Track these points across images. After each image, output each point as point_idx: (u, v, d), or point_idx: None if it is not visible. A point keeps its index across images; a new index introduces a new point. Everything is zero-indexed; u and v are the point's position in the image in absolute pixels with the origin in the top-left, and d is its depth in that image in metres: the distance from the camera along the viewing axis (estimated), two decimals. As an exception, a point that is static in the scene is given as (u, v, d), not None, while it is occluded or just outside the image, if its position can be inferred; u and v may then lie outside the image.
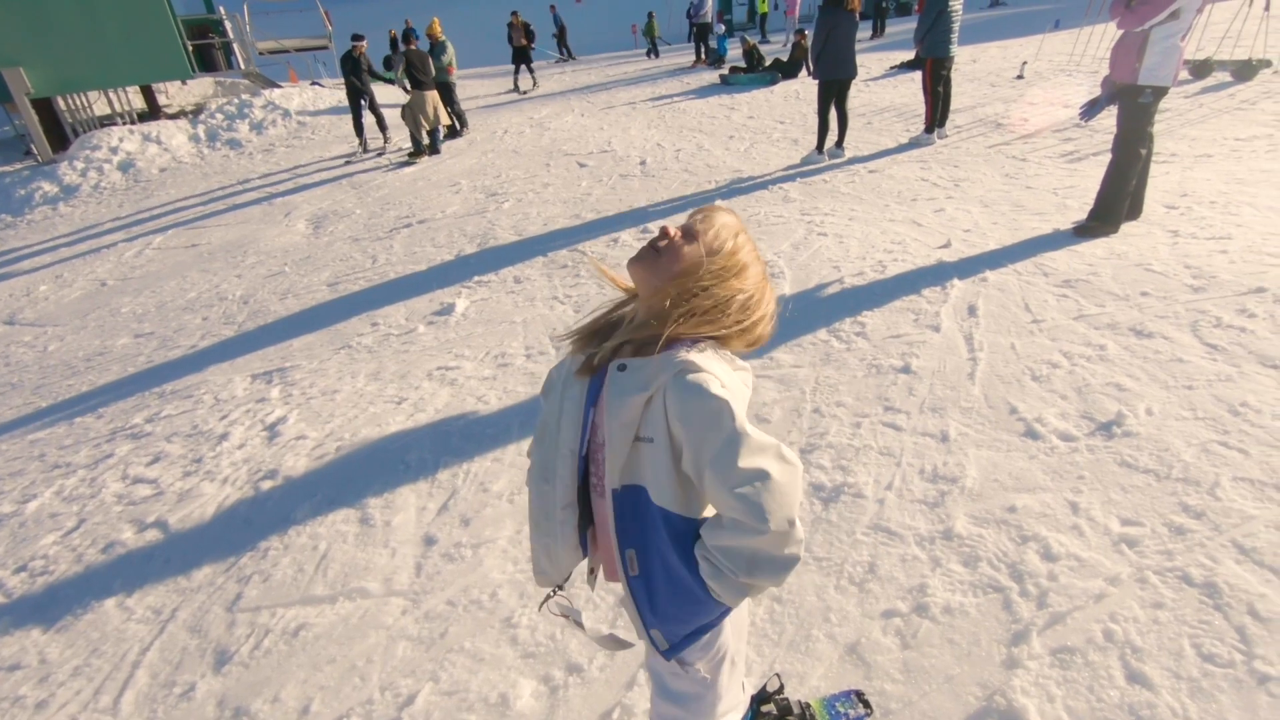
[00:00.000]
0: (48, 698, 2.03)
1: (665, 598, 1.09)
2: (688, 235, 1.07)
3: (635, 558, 1.08)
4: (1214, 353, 2.93)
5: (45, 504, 3.15)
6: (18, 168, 11.57)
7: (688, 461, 1.00)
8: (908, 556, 2.10)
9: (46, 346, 5.42)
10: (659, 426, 1.00)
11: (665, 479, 1.02)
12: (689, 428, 0.97)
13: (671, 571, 1.07)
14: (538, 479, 1.15)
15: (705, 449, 0.97)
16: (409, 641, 2.04)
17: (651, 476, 1.03)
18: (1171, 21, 3.82)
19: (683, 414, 0.97)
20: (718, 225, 1.08)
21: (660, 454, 1.01)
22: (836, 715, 1.66)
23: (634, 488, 1.05)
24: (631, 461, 1.04)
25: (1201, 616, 1.78)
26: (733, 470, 0.96)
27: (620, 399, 1.00)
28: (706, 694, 1.21)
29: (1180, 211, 4.56)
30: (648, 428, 1.01)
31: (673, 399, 0.97)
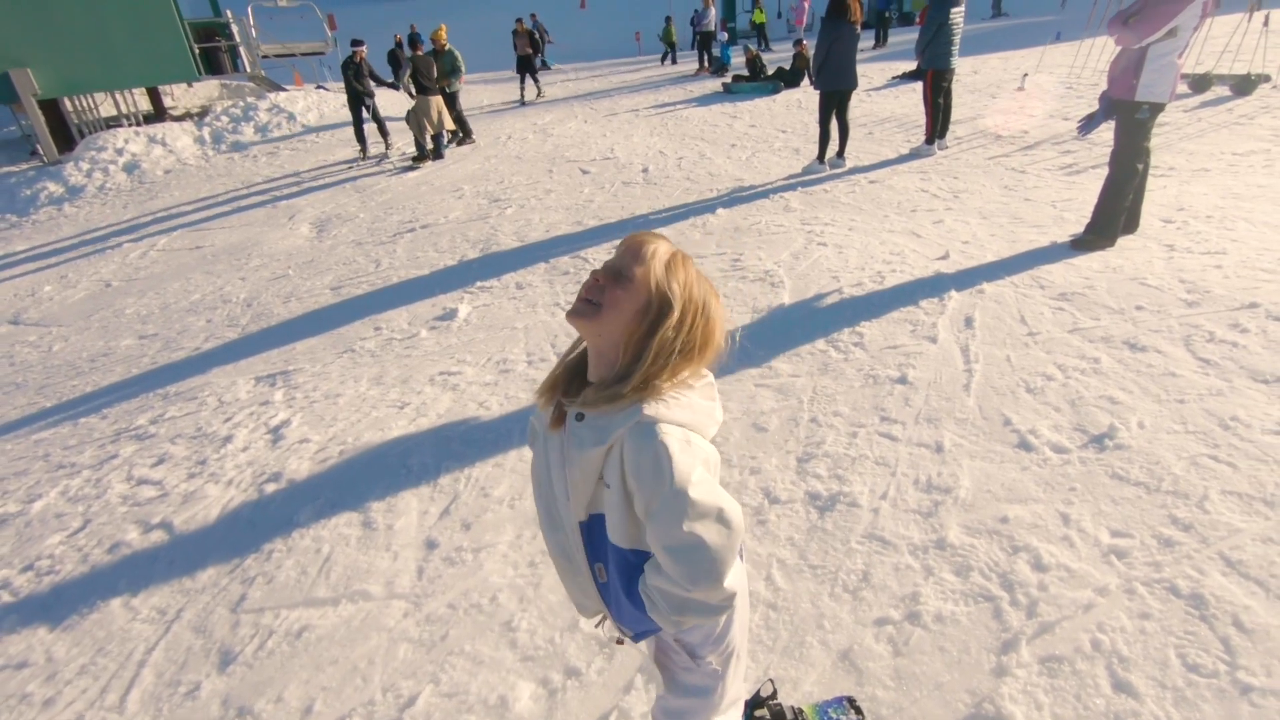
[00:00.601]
0: (55, 695, 2.06)
1: (617, 609, 1.17)
2: (618, 278, 1.01)
3: (603, 569, 1.15)
4: (1206, 367, 2.97)
5: (51, 504, 3.18)
6: (23, 168, 11.63)
7: (639, 509, 1.03)
8: (901, 565, 2.14)
9: (51, 346, 5.46)
10: (615, 474, 1.02)
11: (619, 520, 1.05)
12: (639, 481, 0.99)
13: (621, 593, 1.13)
14: (547, 528, 1.19)
15: (651, 503, 0.99)
16: (410, 644, 2.08)
17: (610, 516, 1.06)
18: (1169, 39, 3.88)
19: (635, 468, 0.99)
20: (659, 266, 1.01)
21: (615, 498, 1.04)
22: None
23: (598, 516, 1.09)
24: (595, 496, 1.08)
25: (1188, 627, 1.81)
26: (670, 531, 0.98)
27: (580, 450, 1.02)
28: (716, 687, 1.26)
29: (1176, 226, 4.61)
30: (608, 474, 1.03)
31: (629, 451, 0.99)
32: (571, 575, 1.20)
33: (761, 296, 4.30)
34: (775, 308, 4.12)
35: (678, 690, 1.28)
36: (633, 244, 1.03)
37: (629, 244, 1.04)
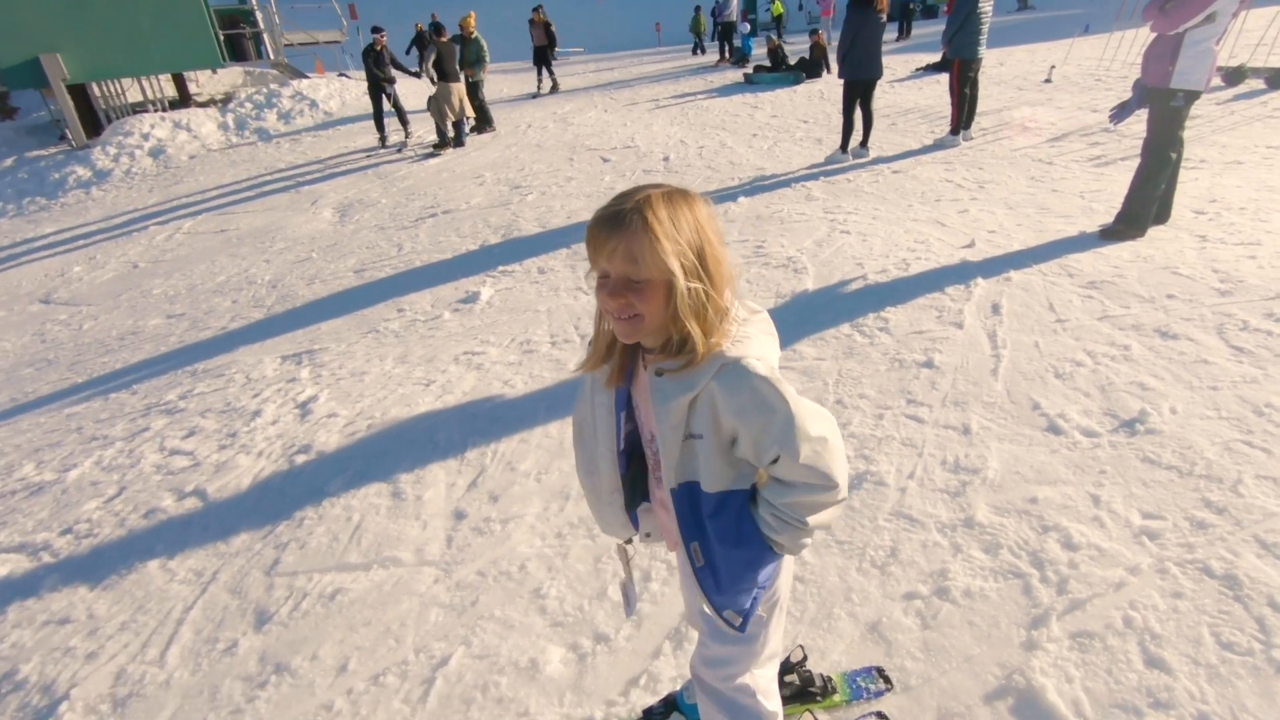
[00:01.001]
0: (97, 649, 2.12)
1: (728, 576, 1.17)
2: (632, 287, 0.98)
3: (699, 550, 1.16)
4: (1240, 355, 2.93)
5: (85, 473, 3.25)
6: (52, 151, 11.82)
7: (746, 448, 1.07)
8: (929, 542, 2.14)
9: (81, 325, 5.57)
10: (705, 422, 1.05)
11: (716, 468, 1.09)
12: (744, 418, 1.02)
13: (728, 549, 1.15)
14: (583, 473, 1.28)
15: (766, 435, 1.03)
16: (441, 608, 2.11)
17: (704, 469, 1.09)
18: (1206, 25, 3.81)
19: (737, 407, 1.02)
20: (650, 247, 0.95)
21: (708, 447, 1.07)
22: (857, 689, 1.70)
23: (689, 484, 1.12)
24: (685, 458, 1.10)
25: (1221, 607, 1.80)
26: (797, 445, 1.03)
27: (664, 404, 1.04)
28: (759, 634, 1.28)
29: (1209, 217, 4.54)
30: (696, 425, 1.06)
31: (722, 396, 1.01)
32: (599, 513, 1.29)
33: (785, 282, 4.29)
34: (799, 293, 4.12)
35: (721, 638, 1.29)
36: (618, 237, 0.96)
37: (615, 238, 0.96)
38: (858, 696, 1.69)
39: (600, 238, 0.98)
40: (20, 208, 10.33)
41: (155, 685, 1.97)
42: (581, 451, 1.26)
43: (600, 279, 1.01)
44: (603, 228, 0.98)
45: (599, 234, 0.98)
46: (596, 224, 0.99)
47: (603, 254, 0.98)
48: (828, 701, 1.67)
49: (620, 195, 1.00)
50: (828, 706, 1.67)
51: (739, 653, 1.29)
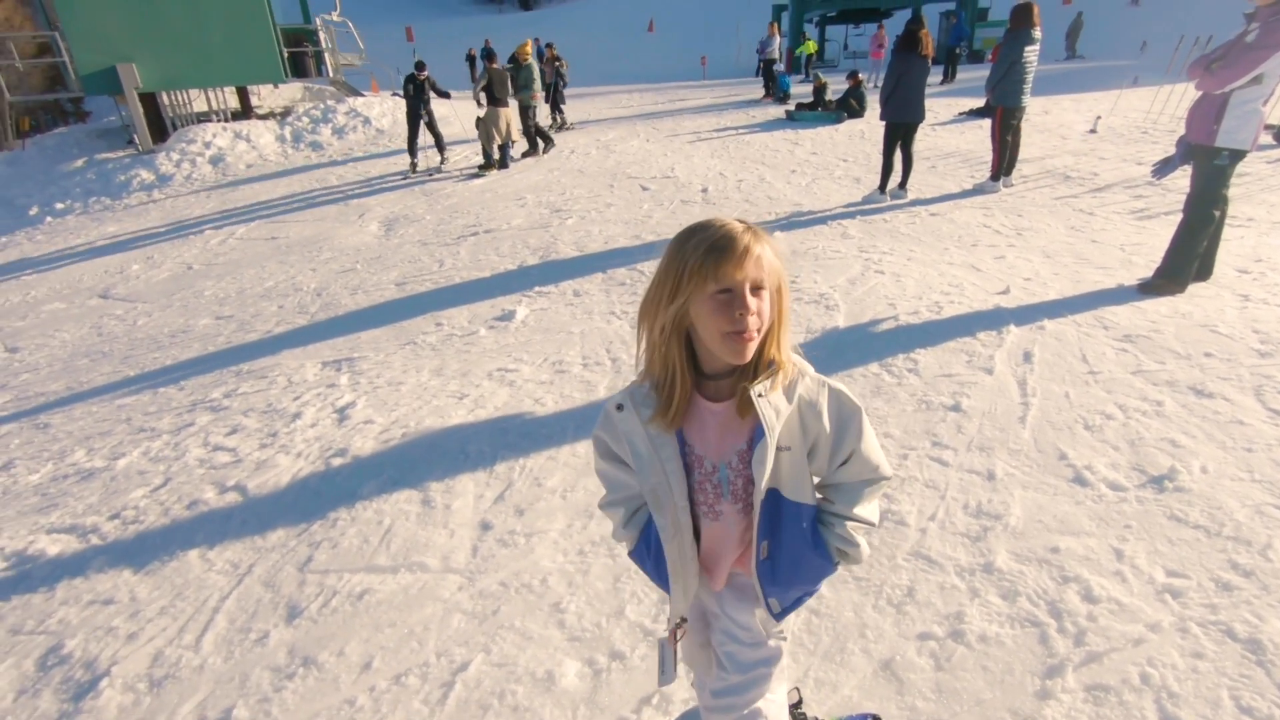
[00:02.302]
0: (137, 631, 2.22)
1: (788, 572, 1.26)
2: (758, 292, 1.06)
3: (767, 546, 1.24)
4: (1277, 418, 2.89)
5: (134, 462, 3.41)
6: (120, 155, 12.44)
7: (822, 456, 1.19)
8: (946, 585, 2.15)
9: (136, 321, 5.83)
10: (794, 436, 1.15)
11: (800, 478, 1.20)
12: (840, 429, 1.17)
13: (798, 550, 1.24)
14: (670, 537, 1.25)
15: (847, 434, 1.18)
16: (463, 615, 2.18)
17: (788, 479, 1.19)
18: (1253, 86, 3.81)
19: (837, 419, 1.17)
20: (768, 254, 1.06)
21: (798, 458, 1.17)
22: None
23: (772, 491, 1.20)
24: (773, 470, 1.17)
25: (1243, 670, 1.78)
26: (867, 443, 1.19)
27: (773, 420, 1.11)
28: (774, 663, 1.33)
29: (1253, 276, 4.48)
30: (785, 438, 1.14)
31: (812, 408, 1.15)
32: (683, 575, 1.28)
33: (816, 318, 4.33)
34: (829, 329, 4.16)
35: (740, 668, 1.32)
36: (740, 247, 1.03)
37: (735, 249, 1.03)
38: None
39: (728, 256, 1.02)
40: (86, 206, 10.87)
41: (190, 669, 2.06)
42: (663, 517, 1.22)
43: (723, 300, 1.03)
44: (726, 246, 1.02)
45: (725, 253, 1.02)
46: (717, 246, 1.02)
47: (731, 270, 1.02)
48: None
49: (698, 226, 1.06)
50: None
51: (761, 676, 1.32)
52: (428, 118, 10.41)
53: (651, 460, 1.18)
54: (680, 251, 1.06)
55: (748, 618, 1.31)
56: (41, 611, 2.37)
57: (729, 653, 1.33)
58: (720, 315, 1.03)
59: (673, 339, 1.10)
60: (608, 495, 1.33)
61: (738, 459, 1.18)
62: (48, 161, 12.53)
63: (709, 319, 1.04)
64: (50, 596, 2.45)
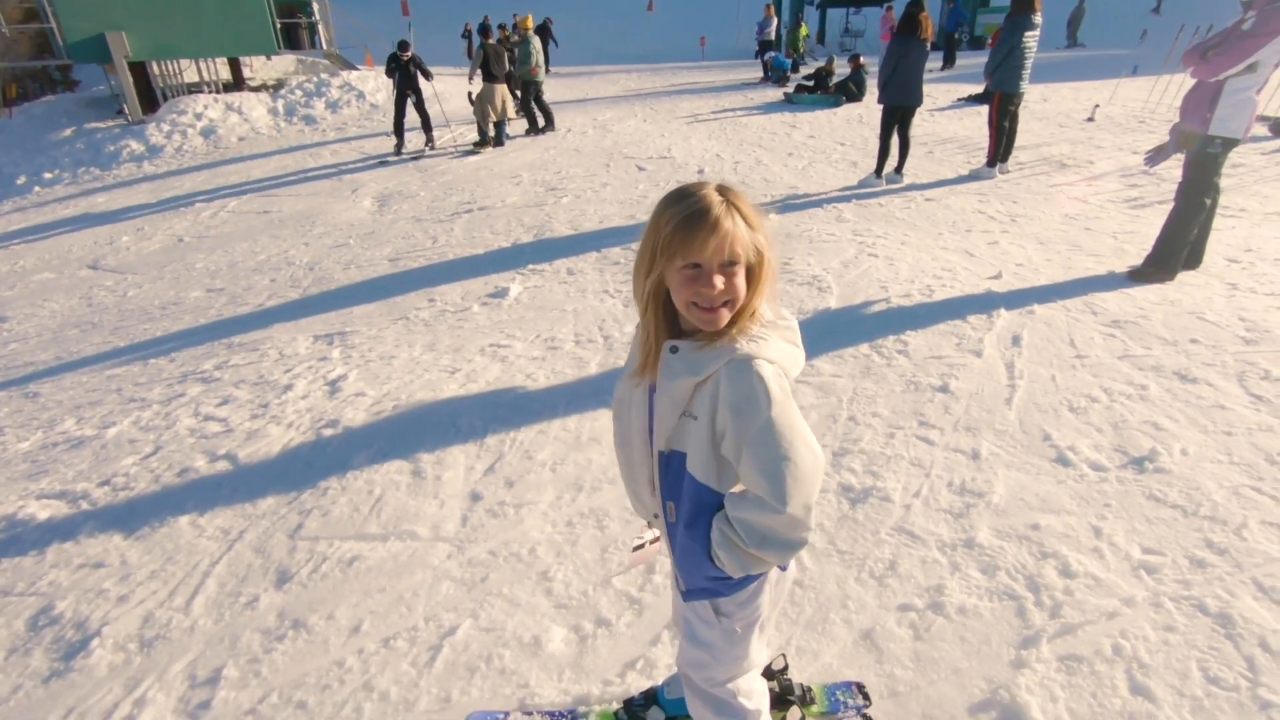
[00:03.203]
0: (128, 593, 2.24)
1: (682, 552, 1.25)
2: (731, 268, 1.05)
3: (674, 509, 1.23)
4: (1258, 403, 2.93)
5: (124, 431, 3.41)
6: (110, 125, 12.27)
7: (729, 445, 1.09)
8: (928, 559, 2.19)
9: (126, 292, 5.79)
10: (704, 407, 1.09)
11: (702, 453, 1.12)
12: (735, 412, 1.06)
13: (698, 536, 1.20)
14: (625, 471, 1.32)
15: (747, 431, 1.05)
16: (452, 582, 2.21)
17: (695, 451, 1.13)
18: (1248, 74, 3.82)
19: (732, 400, 1.06)
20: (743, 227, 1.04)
21: (702, 431, 1.10)
22: (836, 702, 1.75)
23: (677, 453, 1.17)
24: (677, 431, 1.16)
25: (1212, 644, 1.83)
26: (767, 453, 1.05)
27: (672, 380, 1.10)
28: (731, 648, 1.33)
29: (1242, 266, 4.52)
30: (695, 406, 1.11)
31: (726, 384, 1.06)
32: (631, 482, 1.32)
33: (808, 300, 4.35)
34: (821, 310, 4.18)
35: (694, 641, 1.35)
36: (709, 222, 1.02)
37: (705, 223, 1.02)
38: (835, 709, 1.73)
39: (697, 231, 1.01)
40: (75, 177, 10.74)
41: (180, 630, 2.09)
42: (622, 455, 1.31)
43: (691, 275, 1.04)
44: (697, 220, 1.01)
45: (695, 228, 1.01)
46: (689, 220, 1.02)
47: (698, 246, 1.02)
48: (806, 711, 1.72)
49: (679, 193, 1.05)
50: (783, 716, 1.71)
51: (708, 659, 1.33)
52: (415, 98, 10.18)
53: (626, 403, 1.25)
54: (657, 221, 1.07)
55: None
56: (32, 574, 2.39)
57: (687, 620, 1.36)
58: (687, 288, 1.05)
59: (650, 304, 1.12)
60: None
61: None
62: (36, 130, 12.36)
63: (678, 290, 1.06)
64: (40, 560, 2.46)
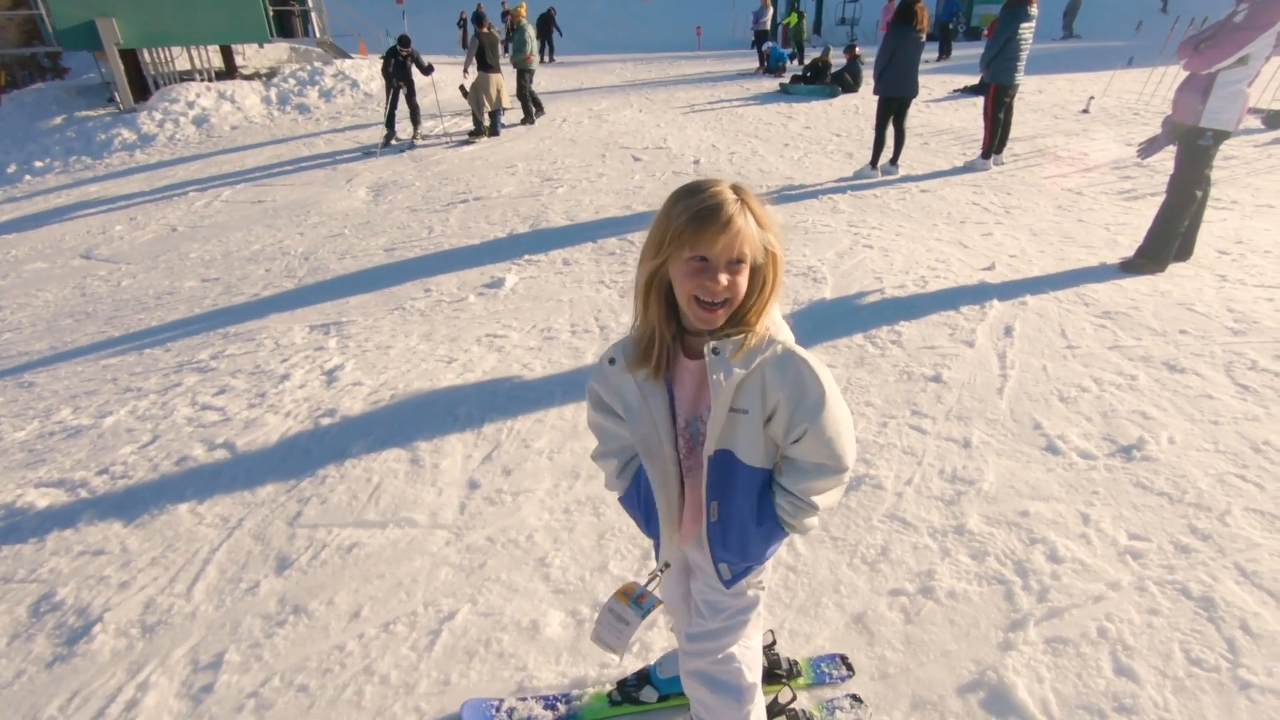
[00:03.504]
0: (129, 580, 2.26)
1: (737, 537, 1.27)
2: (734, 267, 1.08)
3: (717, 508, 1.26)
4: (1245, 393, 2.98)
5: (121, 420, 3.42)
6: (100, 113, 12.16)
7: (779, 425, 1.16)
8: (919, 545, 2.23)
9: (120, 282, 5.78)
10: (753, 399, 1.14)
11: (755, 442, 1.18)
12: (791, 400, 1.13)
13: (747, 516, 1.25)
14: (659, 486, 1.28)
15: (801, 409, 1.13)
16: (450, 568, 2.23)
17: (743, 441, 1.19)
18: (1239, 67, 3.85)
19: (786, 389, 1.12)
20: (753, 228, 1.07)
21: (753, 423, 1.16)
22: (821, 675, 1.80)
23: (725, 452, 1.21)
24: (727, 429, 1.19)
25: (1195, 626, 1.87)
26: (830, 423, 1.14)
27: (725, 381, 1.12)
28: (749, 611, 1.38)
29: (1232, 258, 4.56)
30: (743, 401, 1.15)
31: (774, 376, 1.12)
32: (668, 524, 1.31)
33: (804, 290, 4.37)
34: (816, 301, 4.20)
35: (715, 614, 1.38)
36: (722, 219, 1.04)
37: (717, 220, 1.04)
38: (821, 681, 1.78)
39: (709, 227, 1.04)
40: (66, 165, 10.65)
41: (182, 616, 2.11)
42: (654, 467, 1.26)
43: (697, 268, 1.06)
44: (710, 217, 1.04)
45: (707, 224, 1.04)
46: (702, 216, 1.04)
47: (708, 242, 1.04)
48: (792, 684, 1.76)
49: (693, 188, 1.08)
50: (776, 690, 1.74)
51: (732, 624, 1.37)
52: (407, 89, 10.03)
53: (642, 411, 1.23)
54: (669, 212, 1.09)
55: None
56: (32, 561, 2.41)
57: (709, 600, 1.38)
58: (691, 281, 1.07)
59: (653, 293, 1.14)
60: (600, 446, 1.38)
61: (709, 415, 1.20)
62: (26, 118, 12.23)
63: (682, 282, 1.09)
64: (41, 547, 2.48)
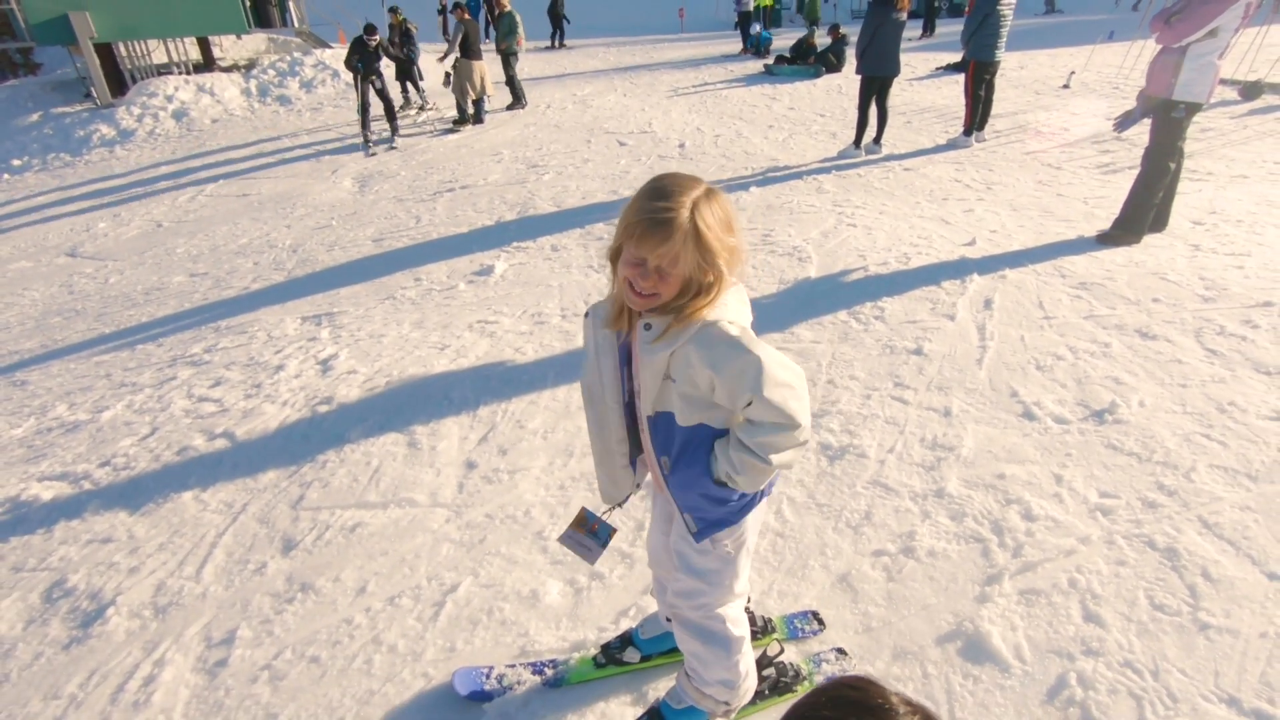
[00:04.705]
0: (138, 565, 2.33)
1: (693, 487, 1.36)
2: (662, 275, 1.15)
3: (667, 463, 1.36)
4: (1212, 357, 3.09)
5: (118, 414, 3.46)
6: (78, 109, 12.00)
7: (722, 395, 1.23)
8: (901, 509, 2.33)
9: (107, 279, 5.77)
10: (681, 371, 1.23)
11: (688, 407, 1.27)
12: (719, 368, 1.19)
13: (699, 468, 1.33)
14: (594, 431, 1.42)
15: (740, 382, 1.19)
16: (451, 544, 2.32)
17: (680, 406, 1.28)
18: (1209, 39, 3.93)
19: (711, 360, 1.18)
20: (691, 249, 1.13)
21: (688, 391, 1.25)
22: (794, 630, 1.91)
23: (664, 414, 1.31)
24: (661, 395, 1.29)
25: (1159, 575, 1.99)
26: (767, 386, 1.19)
27: (650, 355, 1.23)
28: (725, 570, 1.46)
29: (1206, 228, 4.68)
30: (673, 371, 1.25)
31: (698, 350, 1.19)
32: (607, 464, 1.45)
33: (789, 270, 4.45)
34: (801, 280, 4.28)
35: (691, 572, 1.47)
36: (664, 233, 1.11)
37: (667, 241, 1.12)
38: (794, 635, 1.89)
39: (652, 237, 1.12)
40: (45, 163, 10.53)
41: (192, 597, 2.18)
42: (591, 411, 1.40)
43: (635, 263, 1.16)
44: (655, 229, 1.12)
45: (651, 234, 1.12)
46: (650, 225, 1.12)
47: (648, 249, 1.13)
48: (766, 639, 1.85)
49: (660, 192, 1.14)
50: (765, 644, 1.83)
51: (706, 586, 1.46)
52: (379, 83, 9.52)
53: (594, 361, 1.36)
54: (635, 204, 1.18)
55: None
56: (42, 550, 2.47)
57: (680, 553, 1.48)
58: (628, 268, 1.18)
59: (616, 266, 1.25)
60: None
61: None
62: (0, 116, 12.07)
63: (622, 265, 1.20)
64: (49, 537, 2.53)
